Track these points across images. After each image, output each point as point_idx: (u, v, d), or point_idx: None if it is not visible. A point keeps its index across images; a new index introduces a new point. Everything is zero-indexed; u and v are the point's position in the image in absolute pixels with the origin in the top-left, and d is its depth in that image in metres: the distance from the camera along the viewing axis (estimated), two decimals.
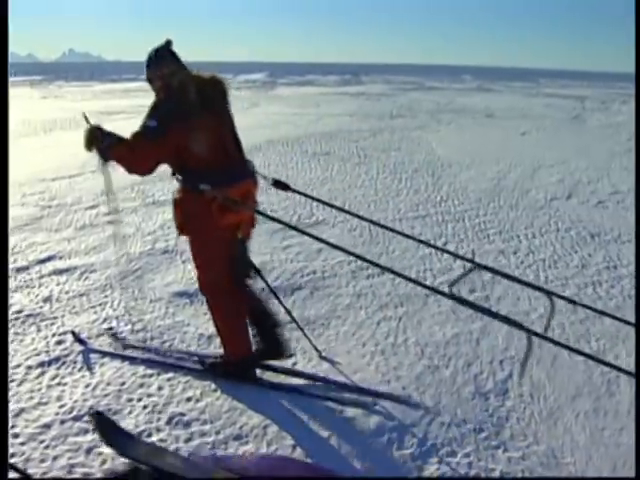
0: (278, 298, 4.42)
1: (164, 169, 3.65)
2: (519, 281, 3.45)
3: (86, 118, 3.59)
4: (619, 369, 2.76)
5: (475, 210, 8.53)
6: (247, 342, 3.95)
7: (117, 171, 3.60)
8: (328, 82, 49.43)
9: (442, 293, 3.00)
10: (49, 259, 6.21)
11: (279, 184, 3.92)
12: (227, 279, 3.77)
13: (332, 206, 4.40)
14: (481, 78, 63.99)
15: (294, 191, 3.99)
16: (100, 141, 3.46)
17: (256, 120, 19.34)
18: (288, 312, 4.45)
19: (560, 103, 30.59)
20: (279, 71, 70.28)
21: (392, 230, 4.14)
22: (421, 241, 4.47)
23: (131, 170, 3.51)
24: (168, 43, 3.58)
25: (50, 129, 16.19)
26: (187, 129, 3.43)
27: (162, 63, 3.54)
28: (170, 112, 3.43)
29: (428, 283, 5.78)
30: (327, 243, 3.43)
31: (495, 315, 2.87)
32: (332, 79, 54.39)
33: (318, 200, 4.38)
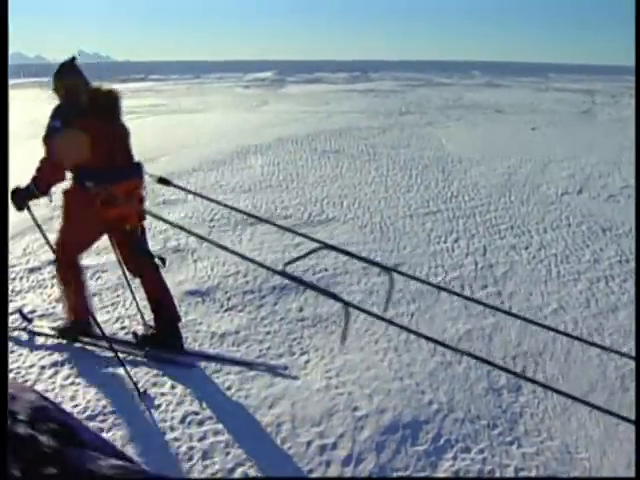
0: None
1: (179, 169, 3.66)
2: (360, 258, 3.82)
3: None
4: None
5: (486, 206, 8.50)
6: (84, 307, 4.37)
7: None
8: (337, 80, 49.43)
9: (275, 271, 3.38)
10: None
11: (162, 180, 4.32)
12: (75, 257, 4.33)
13: (212, 200, 4.80)
14: (490, 73, 63.80)
15: (175, 186, 4.45)
16: (26, 194, 4.02)
17: (265, 118, 19.36)
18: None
19: (570, 97, 30.48)
20: (288, 69, 70.25)
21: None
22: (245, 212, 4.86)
23: (57, 171, 3.96)
24: (72, 59, 4.04)
25: None
26: (80, 129, 3.85)
27: (66, 76, 4.00)
28: (68, 114, 3.88)
29: (439, 279, 5.77)
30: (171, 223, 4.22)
31: (318, 289, 3.26)
32: (341, 76, 54.38)
33: (197, 194, 4.86)
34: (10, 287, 5.44)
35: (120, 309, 5.09)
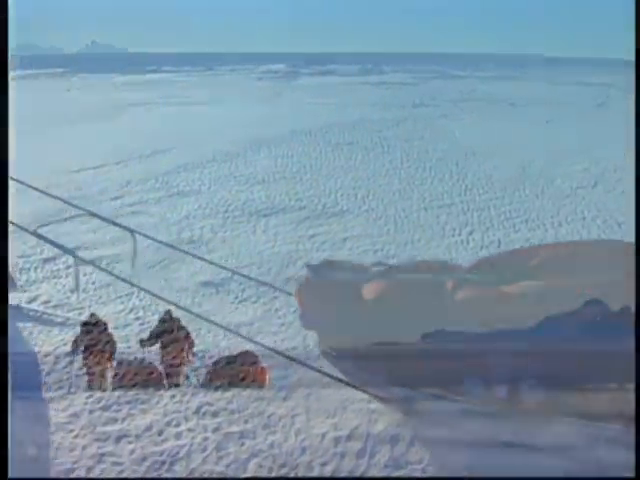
0: None
1: (192, 161, 3.64)
2: (103, 218, 4.22)
3: None
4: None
5: (500, 199, 8.45)
6: None
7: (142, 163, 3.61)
8: (350, 71, 49.21)
9: (28, 231, 3.98)
10: (75, 250, 6.22)
11: None
12: None
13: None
14: (504, 66, 63.38)
15: None
16: None
17: (279, 110, 19.32)
18: None
19: (585, 91, 30.23)
20: (301, 61, 70.02)
21: None
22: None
23: None
24: None
25: (74, 121, 16.27)
26: None
27: None
28: None
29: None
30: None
31: (62, 248, 3.85)
32: (354, 68, 54.15)
33: None
34: (25, 277, 5.47)
35: (134, 300, 5.09)
